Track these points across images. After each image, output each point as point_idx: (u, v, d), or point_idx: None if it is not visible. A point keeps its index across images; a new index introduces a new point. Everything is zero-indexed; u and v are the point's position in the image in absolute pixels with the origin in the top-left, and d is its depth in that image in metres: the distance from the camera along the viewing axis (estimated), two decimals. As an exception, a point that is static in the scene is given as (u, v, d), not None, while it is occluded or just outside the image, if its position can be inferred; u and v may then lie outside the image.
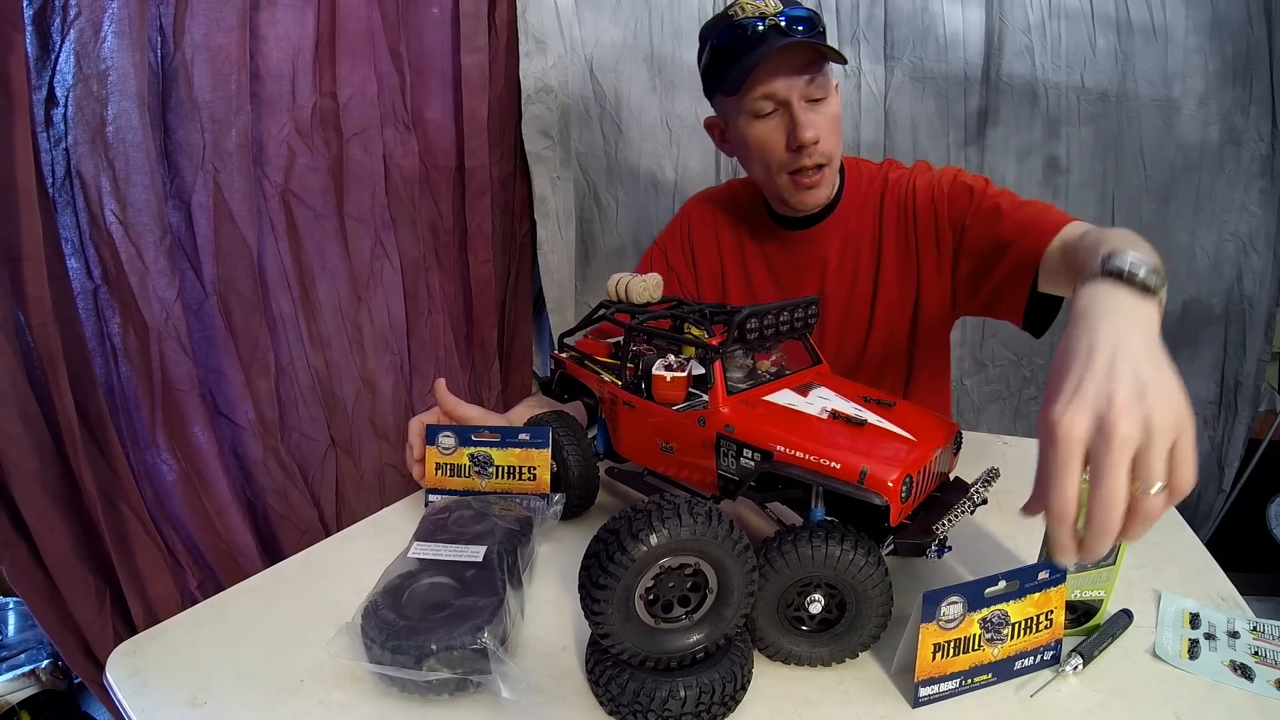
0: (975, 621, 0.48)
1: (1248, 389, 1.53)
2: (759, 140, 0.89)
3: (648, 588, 0.46)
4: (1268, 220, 1.45)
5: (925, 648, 0.47)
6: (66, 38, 0.79)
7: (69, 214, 0.82)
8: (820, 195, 0.91)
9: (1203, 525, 1.62)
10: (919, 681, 0.48)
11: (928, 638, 0.47)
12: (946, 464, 0.61)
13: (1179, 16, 1.37)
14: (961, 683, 0.49)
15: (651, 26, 1.41)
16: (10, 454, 0.72)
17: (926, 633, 0.47)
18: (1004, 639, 0.49)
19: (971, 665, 0.49)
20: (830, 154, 0.88)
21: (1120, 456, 0.40)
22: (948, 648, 0.48)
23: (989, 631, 0.49)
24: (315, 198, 1.07)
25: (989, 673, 0.49)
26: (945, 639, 0.48)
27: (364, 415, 1.18)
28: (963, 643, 0.48)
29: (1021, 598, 0.49)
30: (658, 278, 0.76)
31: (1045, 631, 0.50)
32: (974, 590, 0.48)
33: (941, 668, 0.48)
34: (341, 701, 0.51)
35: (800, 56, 0.83)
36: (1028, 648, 0.50)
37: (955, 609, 0.48)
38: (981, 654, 0.49)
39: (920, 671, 0.48)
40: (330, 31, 1.05)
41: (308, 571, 0.68)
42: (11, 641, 1.16)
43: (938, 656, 0.48)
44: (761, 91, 0.85)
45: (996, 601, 0.48)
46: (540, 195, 1.42)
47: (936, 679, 0.48)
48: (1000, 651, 0.49)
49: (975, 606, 0.48)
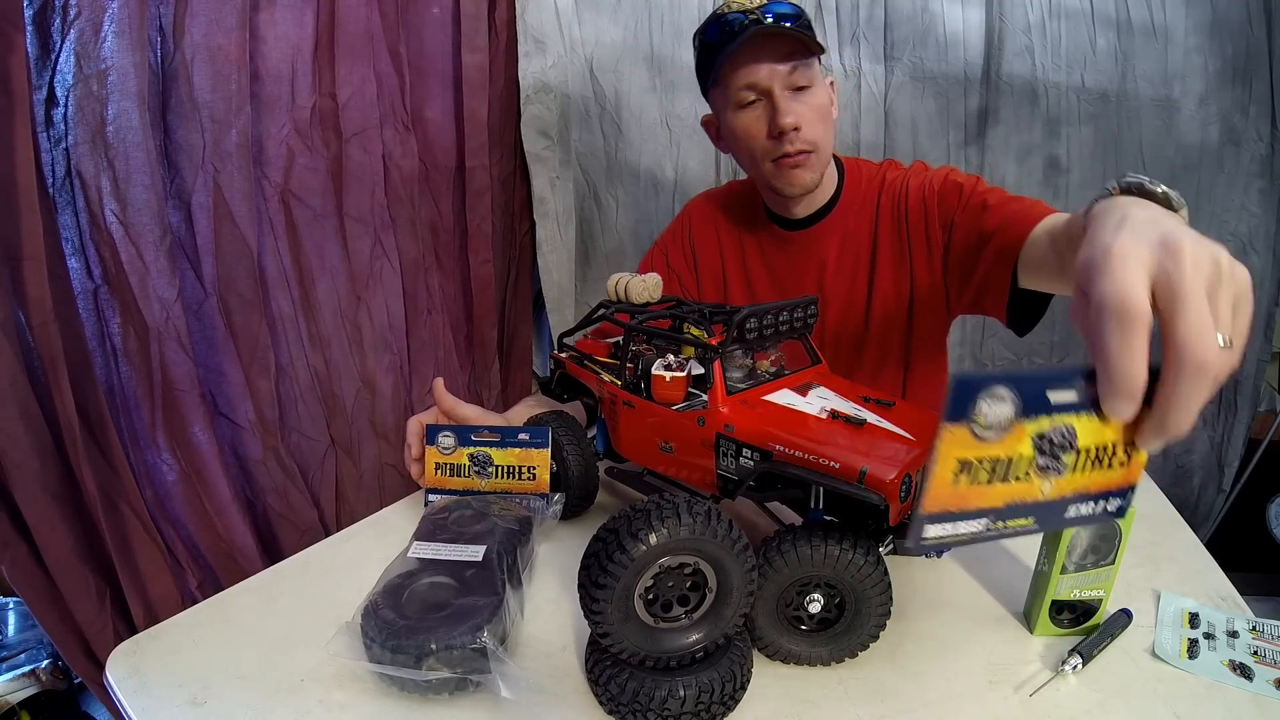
0: (1028, 436, 0.34)
1: (1248, 389, 1.53)
2: (743, 129, 0.90)
3: (647, 587, 0.46)
4: (1267, 220, 1.45)
5: (946, 462, 0.33)
6: (66, 38, 0.79)
7: (69, 214, 0.82)
8: (805, 177, 0.90)
9: (1203, 525, 1.62)
10: (926, 516, 0.35)
11: (951, 447, 0.33)
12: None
13: (1179, 16, 1.37)
14: (989, 524, 0.35)
15: (651, 26, 1.41)
16: (11, 454, 0.72)
17: (952, 439, 0.33)
18: (1062, 469, 0.35)
19: (1008, 501, 0.35)
20: (815, 141, 0.88)
21: (1197, 275, 0.32)
22: (978, 470, 0.34)
23: (1044, 456, 0.34)
24: (315, 198, 1.07)
25: (1029, 515, 0.36)
26: (978, 455, 0.34)
27: (364, 415, 1.18)
28: (1003, 466, 0.34)
29: (1098, 413, 0.34)
30: (657, 278, 0.76)
31: (1120, 470, 0.36)
32: (1032, 386, 0.33)
33: (963, 499, 0.34)
34: (341, 701, 0.51)
35: (782, 46, 0.84)
36: (1091, 488, 0.36)
37: (1001, 410, 0.33)
38: (1026, 486, 0.35)
39: (931, 500, 0.34)
40: (330, 32, 1.05)
41: (308, 571, 0.68)
42: (11, 641, 1.16)
43: (961, 480, 0.34)
44: (744, 81, 0.87)
45: (1063, 411, 0.34)
46: (540, 195, 1.42)
47: (953, 515, 0.35)
48: (1054, 488, 0.35)
49: (1031, 411, 0.34)
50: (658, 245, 1.11)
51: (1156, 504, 0.76)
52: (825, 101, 0.89)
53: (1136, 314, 0.32)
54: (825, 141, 0.90)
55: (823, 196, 0.96)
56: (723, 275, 1.06)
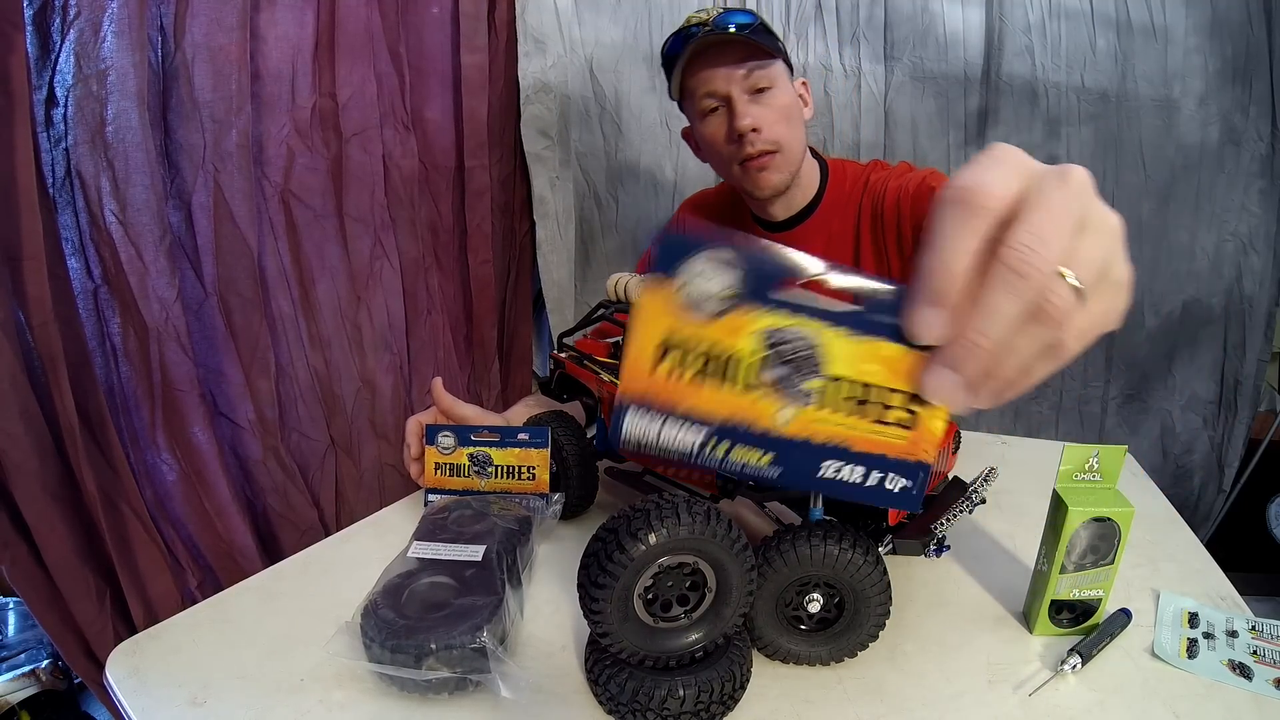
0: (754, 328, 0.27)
1: (1248, 389, 1.53)
2: (709, 137, 0.92)
3: (646, 587, 0.46)
4: (1268, 220, 1.45)
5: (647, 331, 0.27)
6: (66, 38, 0.79)
7: (69, 214, 0.82)
8: (773, 179, 0.91)
9: (1203, 525, 1.62)
10: (627, 398, 0.28)
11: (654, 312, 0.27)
12: (945, 463, 0.61)
13: (1179, 16, 1.37)
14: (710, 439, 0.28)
15: (651, 26, 1.41)
16: (10, 454, 0.72)
17: (654, 299, 0.27)
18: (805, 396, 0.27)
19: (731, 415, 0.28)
20: (778, 141, 0.89)
21: (1069, 201, 0.26)
22: (687, 357, 0.27)
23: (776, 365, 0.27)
24: (315, 198, 1.07)
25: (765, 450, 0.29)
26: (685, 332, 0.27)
27: (364, 415, 1.18)
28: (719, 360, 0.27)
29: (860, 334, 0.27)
30: (656, 278, 0.76)
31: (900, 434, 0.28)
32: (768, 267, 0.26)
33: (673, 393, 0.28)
34: (341, 701, 0.51)
35: (736, 51, 0.86)
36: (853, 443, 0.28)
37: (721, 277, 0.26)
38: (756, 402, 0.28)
39: (629, 376, 0.28)
40: (330, 32, 1.05)
41: (308, 571, 0.68)
42: (11, 641, 1.16)
43: (665, 366, 0.27)
44: (703, 89, 0.89)
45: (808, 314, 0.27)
46: (539, 195, 1.42)
47: (661, 410, 0.28)
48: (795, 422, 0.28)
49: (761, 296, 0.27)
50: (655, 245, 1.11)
51: (1156, 504, 0.76)
52: (788, 102, 0.90)
53: (982, 202, 0.25)
54: (791, 141, 0.90)
55: (802, 198, 0.96)
56: None
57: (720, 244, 0.26)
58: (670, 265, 0.26)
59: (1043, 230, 0.25)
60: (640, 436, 0.28)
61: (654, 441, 0.28)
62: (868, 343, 0.26)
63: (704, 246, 0.26)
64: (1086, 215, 0.26)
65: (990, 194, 0.25)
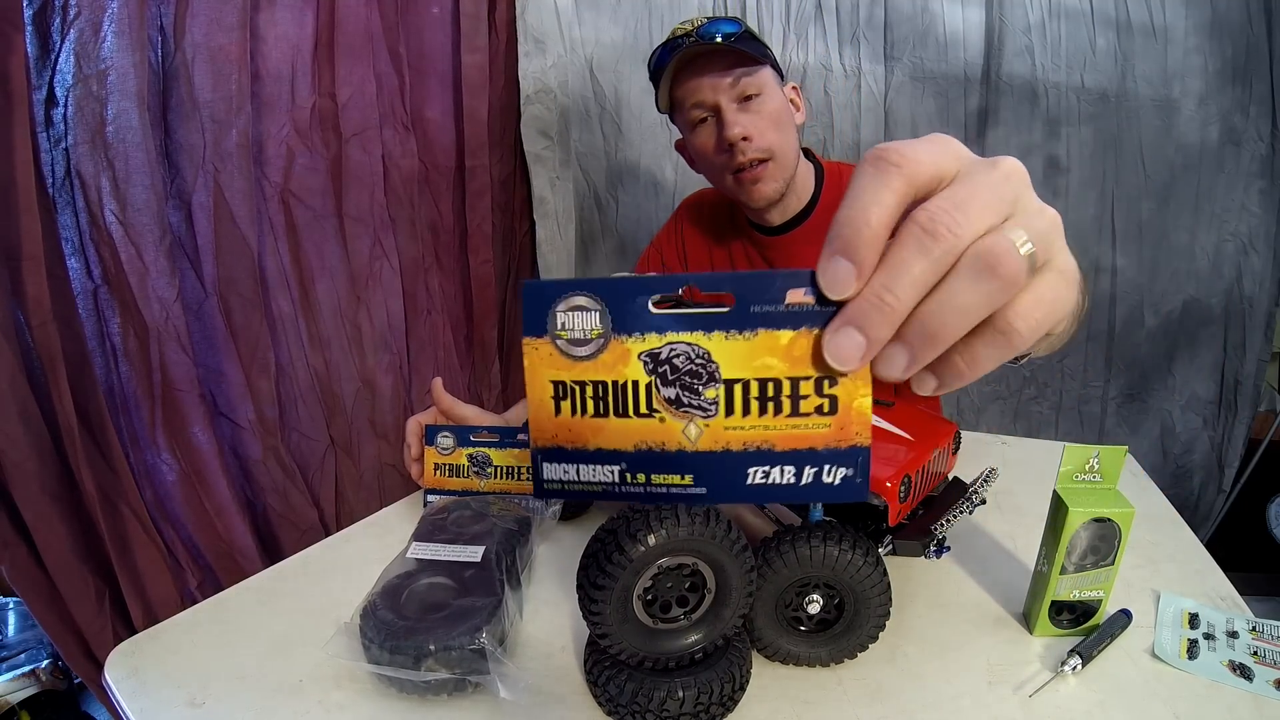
0: (634, 356, 0.26)
1: (1248, 389, 1.53)
2: (700, 148, 0.92)
3: (646, 588, 0.46)
4: (1267, 220, 1.45)
5: (538, 382, 0.27)
6: (66, 38, 0.79)
7: (69, 214, 0.82)
8: (767, 189, 0.91)
9: (1203, 525, 1.62)
10: (538, 450, 0.28)
11: (538, 365, 0.27)
12: (945, 464, 0.61)
13: (1179, 16, 1.37)
14: (624, 474, 0.28)
15: (651, 26, 1.41)
16: (10, 454, 0.72)
17: (536, 355, 0.27)
18: (708, 408, 0.26)
19: (639, 445, 0.27)
20: (770, 148, 0.88)
21: (991, 170, 0.25)
22: (580, 395, 0.27)
23: (668, 385, 0.27)
24: (314, 198, 1.07)
25: (684, 472, 0.27)
26: (571, 376, 0.27)
27: (363, 415, 1.18)
28: (610, 392, 0.27)
29: (746, 332, 0.25)
30: (656, 278, 0.76)
31: (822, 421, 0.26)
32: (620, 292, 0.26)
33: (576, 433, 0.28)
34: (340, 701, 0.51)
35: (722, 60, 0.85)
36: (775, 443, 0.26)
37: (584, 320, 0.27)
38: (660, 427, 0.27)
39: (535, 430, 0.28)
40: (330, 32, 1.05)
41: (307, 571, 0.68)
42: (11, 641, 1.16)
43: (564, 408, 0.27)
44: (691, 99, 0.88)
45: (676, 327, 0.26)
46: (539, 195, 1.42)
47: (571, 454, 0.28)
48: (705, 435, 0.27)
49: (627, 327, 0.26)
50: (653, 244, 1.12)
51: (1156, 504, 0.76)
52: (778, 108, 0.89)
53: (900, 161, 0.24)
54: (783, 147, 0.90)
55: (797, 203, 0.96)
56: None
57: (573, 289, 0.26)
58: (535, 324, 0.27)
59: (960, 197, 0.23)
60: (561, 479, 0.28)
61: (575, 480, 0.28)
62: (756, 337, 0.25)
63: (560, 295, 0.26)
64: (1020, 200, 0.25)
65: (912, 158, 0.24)
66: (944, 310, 0.23)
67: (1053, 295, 0.25)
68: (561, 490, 0.28)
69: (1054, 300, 0.25)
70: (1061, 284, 0.25)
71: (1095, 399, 1.56)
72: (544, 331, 0.26)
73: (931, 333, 0.24)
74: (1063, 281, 0.25)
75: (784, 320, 0.25)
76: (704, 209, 1.08)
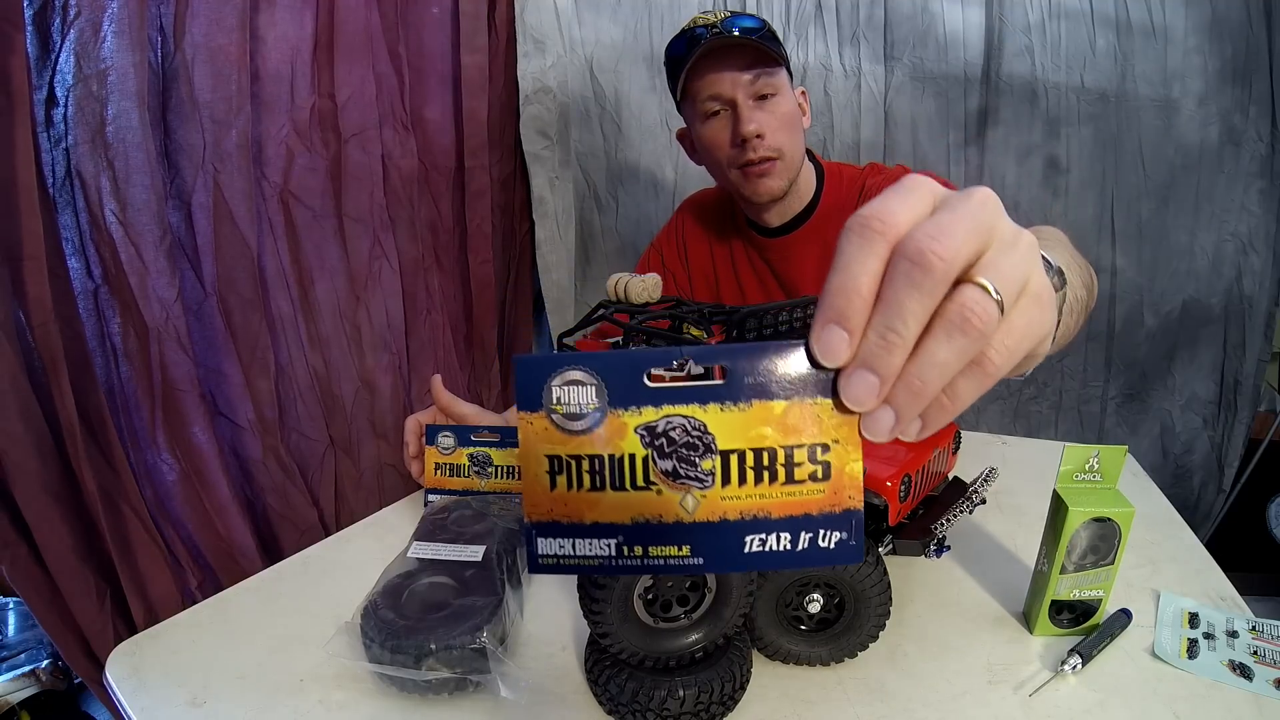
0: (631, 430, 0.26)
1: (1248, 389, 1.53)
2: (710, 139, 0.92)
3: (646, 587, 0.46)
4: (1267, 220, 1.45)
5: (533, 457, 0.27)
6: (66, 38, 0.79)
7: (69, 214, 0.82)
8: (772, 185, 0.91)
9: (1203, 525, 1.62)
10: (532, 525, 0.28)
11: (533, 440, 0.27)
12: (945, 464, 0.61)
13: (1179, 16, 1.37)
14: (622, 547, 0.28)
15: (651, 26, 1.41)
16: (11, 454, 0.72)
17: (531, 430, 0.27)
18: (705, 478, 0.27)
19: (635, 518, 0.27)
20: (780, 148, 0.89)
21: (966, 200, 0.25)
22: (576, 470, 0.27)
23: (666, 458, 0.26)
24: (314, 198, 1.07)
25: (681, 543, 0.27)
26: (567, 450, 0.27)
27: (363, 415, 1.18)
28: (607, 467, 0.27)
29: (741, 403, 0.26)
30: (656, 278, 0.76)
31: (816, 487, 0.26)
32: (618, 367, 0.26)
33: (572, 508, 0.27)
34: (341, 701, 0.51)
35: (743, 56, 0.85)
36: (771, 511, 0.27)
37: (580, 395, 0.26)
38: (658, 500, 0.27)
39: (529, 504, 0.27)
40: (329, 32, 1.05)
41: (308, 571, 0.68)
42: (11, 641, 1.16)
43: (560, 483, 0.27)
44: (708, 91, 0.88)
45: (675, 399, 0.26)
46: (539, 195, 1.42)
47: (567, 528, 0.27)
48: (702, 506, 0.27)
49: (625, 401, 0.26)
50: (653, 245, 1.12)
51: (1156, 504, 0.76)
52: (791, 110, 0.90)
53: (882, 226, 0.24)
54: (792, 149, 0.90)
55: (797, 204, 0.96)
56: (714, 276, 1.06)
57: (568, 364, 0.26)
58: (529, 399, 0.26)
59: (942, 224, 0.24)
60: (556, 554, 0.28)
61: (571, 555, 0.28)
62: (750, 408, 0.26)
63: (554, 370, 0.26)
64: (995, 227, 0.25)
65: (892, 221, 0.24)
66: (923, 369, 0.24)
67: (1025, 322, 0.26)
68: (557, 565, 0.28)
69: (1027, 327, 0.26)
70: (1035, 309, 0.26)
71: (1095, 399, 1.56)
72: (539, 406, 0.26)
73: (914, 391, 0.24)
74: (1036, 306, 0.26)
75: (778, 390, 0.25)
76: (704, 209, 1.08)
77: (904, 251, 0.24)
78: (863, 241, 0.24)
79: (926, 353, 0.24)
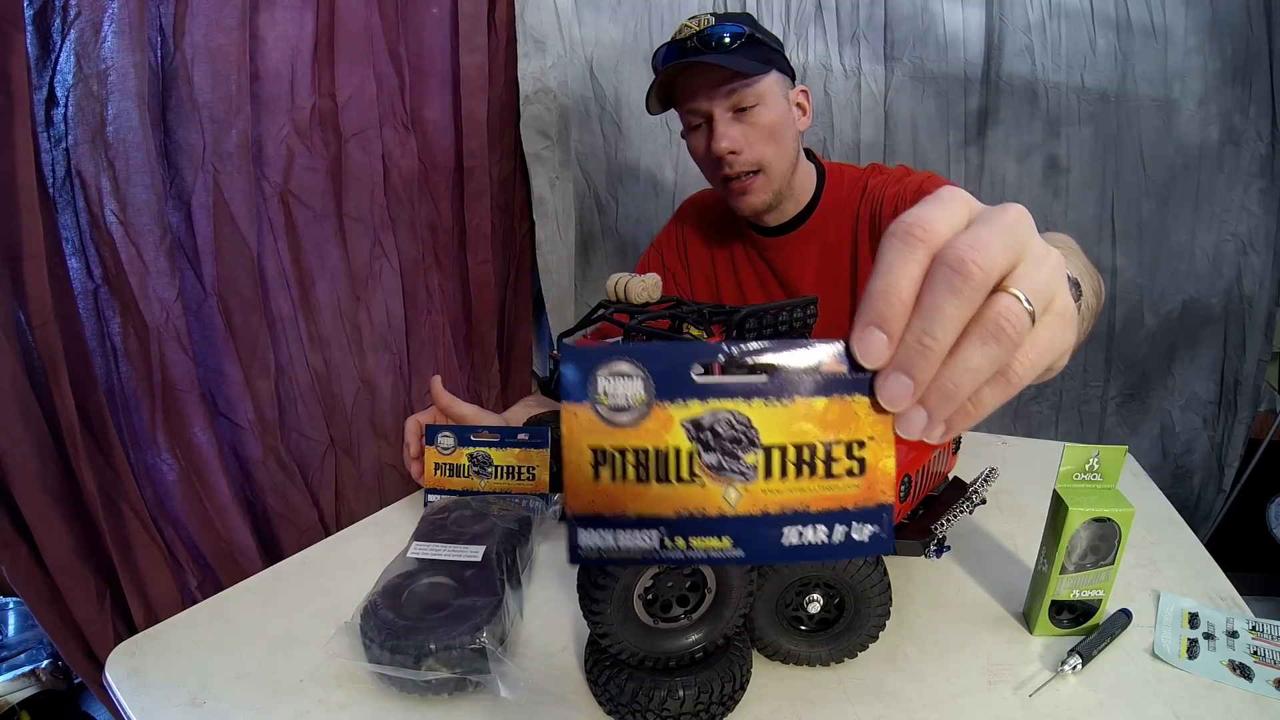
0: (677, 423, 0.27)
1: (1248, 389, 1.53)
2: (694, 151, 0.93)
3: (646, 587, 0.46)
4: (1267, 220, 1.45)
5: (577, 449, 0.27)
6: (67, 38, 0.79)
7: (69, 214, 0.82)
8: (754, 201, 0.91)
9: (1202, 525, 1.62)
10: (575, 517, 0.28)
11: (577, 432, 0.27)
12: (945, 464, 0.61)
13: (1179, 16, 1.37)
14: (664, 540, 0.28)
15: (651, 26, 1.41)
16: (11, 454, 0.72)
17: (575, 421, 0.27)
18: (748, 472, 0.27)
19: (679, 511, 0.27)
20: (759, 162, 0.88)
21: (1001, 214, 0.26)
22: (621, 463, 0.27)
23: (710, 451, 0.27)
24: (314, 198, 1.07)
25: (723, 534, 0.28)
26: (613, 443, 0.27)
27: (363, 415, 1.18)
28: (653, 459, 0.27)
29: (785, 399, 0.26)
30: (656, 278, 0.76)
31: (852, 482, 0.27)
32: (665, 361, 0.26)
33: (615, 500, 0.27)
34: (341, 701, 0.51)
35: (719, 70, 0.84)
36: (810, 505, 0.27)
37: (627, 387, 0.26)
38: (701, 492, 0.27)
39: (572, 497, 0.27)
40: (329, 32, 1.05)
41: (307, 571, 0.68)
42: (11, 641, 1.16)
43: (604, 475, 0.27)
44: (686, 106, 0.89)
45: (722, 394, 0.27)
46: (539, 195, 1.42)
47: (610, 520, 0.28)
48: (744, 499, 0.27)
49: (671, 393, 0.26)
50: (654, 245, 1.12)
51: (1156, 504, 0.76)
52: (775, 119, 0.88)
53: (923, 233, 0.25)
54: (776, 160, 0.89)
55: (794, 207, 0.96)
56: (714, 276, 1.06)
57: (616, 356, 0.26)
58: (575, 389, 0.26)
59: (981, 236, 0.25)
60: (599, 546, 0.28)
61: (614, 548, 0.28)
62: (793, 404, 0.26)
63: (601, 362, 0.26)
64: (1028, 244, 0.27)
65: (933, 230, 0.26)
66: (956, 373, 0.25)
67: (1049, 337, 0.27)
68: (599, 558, 0.28)
69: (1051, 342, 0.27)
70: (1059, 326, 0.27)
71: (1095, 399, 1.56)
72: (584, 397, 0.26)
73: (947, 394, 0.26)
74: (1060, 323, 0.27)
75: (819, 388, 0.26)
76: (704, 210, 1.08)
77: (945, 259, 0.25)
78: (904, 248, 0.25)
79: (961, 358, 0.25)
